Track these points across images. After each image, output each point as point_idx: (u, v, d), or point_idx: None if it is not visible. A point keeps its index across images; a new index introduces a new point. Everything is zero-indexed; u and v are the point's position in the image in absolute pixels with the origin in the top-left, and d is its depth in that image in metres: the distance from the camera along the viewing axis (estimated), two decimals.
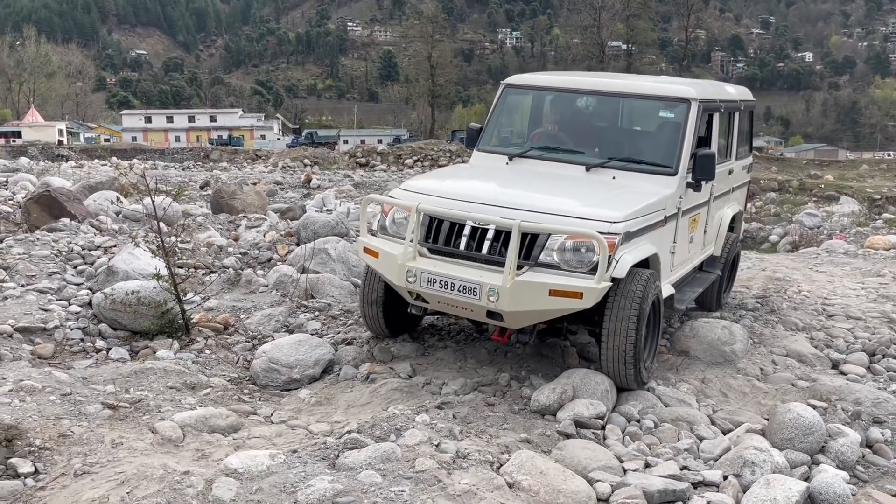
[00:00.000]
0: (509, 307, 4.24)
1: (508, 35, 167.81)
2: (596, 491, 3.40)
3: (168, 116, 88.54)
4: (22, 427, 3.63)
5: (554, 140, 5.71)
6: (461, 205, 4.57)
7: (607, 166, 5.18)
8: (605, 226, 4.26)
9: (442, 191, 4.79)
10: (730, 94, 6.42)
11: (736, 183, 6.72)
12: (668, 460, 3.79)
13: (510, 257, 4.20)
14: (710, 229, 6.17)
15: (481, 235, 4.43)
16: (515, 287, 4.21)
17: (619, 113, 5.88)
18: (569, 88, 5.85)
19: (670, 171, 5.08)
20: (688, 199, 5.23)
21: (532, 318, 4.46)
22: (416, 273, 4.46)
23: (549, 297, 4.18)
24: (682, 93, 5.31)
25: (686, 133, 5.16)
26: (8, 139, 58.24)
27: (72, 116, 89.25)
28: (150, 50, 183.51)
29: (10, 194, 9.86)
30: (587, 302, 4.18)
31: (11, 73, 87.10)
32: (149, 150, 49.17)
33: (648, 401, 4.57)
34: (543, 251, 4.29)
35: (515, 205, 4.45)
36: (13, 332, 5.08)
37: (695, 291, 5.81)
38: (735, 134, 6.43)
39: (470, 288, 4.33)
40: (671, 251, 5.16)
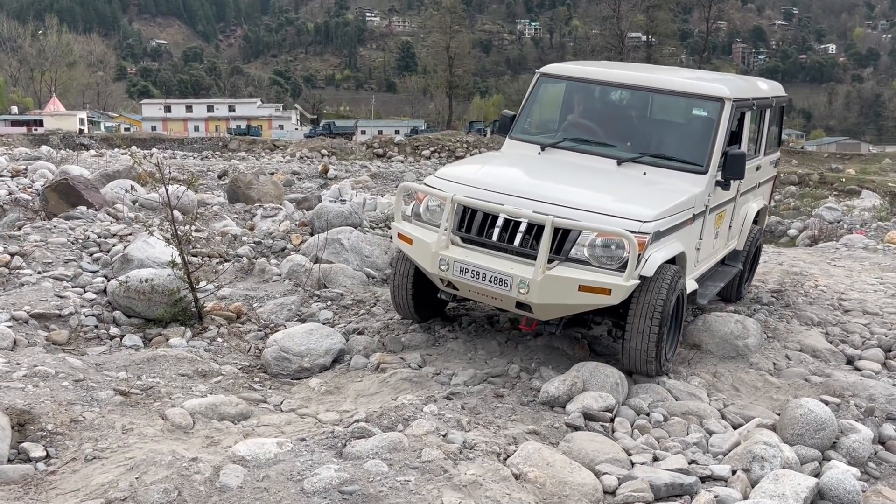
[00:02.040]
0: (539, 300, 4.35)
1: (527, 26, 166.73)
2: (603, 484, 3.39)
3: (187, 106, 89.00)
4: (35, 412, 3.68)
5: (586, 132, 5.76)
6: (495, 196, 4.65)
7: (639, 161, 5.23)
8: (636, 224, 4.33)
9: (476, 181, 4.86)
10: (762, 90, 6.40)
11: (763, 178, 6.73)
12: (677, 454, 3.77)
13: (542, 252, 4.30)
14: (735, 224, 6.19)
15: (514, 228, 4.52)
16: (546, 281, 4.31)
17: (652, 107, 5.91)
18: (604, 81, 5.87)
19: (701, 169, 5.12)
20: (716, 196, 5.28)
21: (560, 311, 4.56)
22: (448, 262, 4.58)
23: (578, 292, 4.29)
24: (717, 91, 5.33)
25: (718, 132, 5.20)
26: (30, 128, 58.84)
27: (92, 106, 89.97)
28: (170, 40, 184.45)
29: (28, 182, 9.96)
30: (615, 298, 4.28)
31: (34, 62, 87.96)
32: (168, 140, 49.49)
33: (658, 394, 4.55)
34: (574, 246, 4.39)
35: (548, 199, 4.53)
36: (29, 318, 5.15)
37: (716, 286, 5.85)
38: (765, 130, 6.44)
39: (501, 279, 4.43)
40: (697, 247, 5.22)
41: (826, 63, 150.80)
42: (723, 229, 5.84)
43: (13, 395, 3.80)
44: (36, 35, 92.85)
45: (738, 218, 6.23)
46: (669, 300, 4.53)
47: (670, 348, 4.96)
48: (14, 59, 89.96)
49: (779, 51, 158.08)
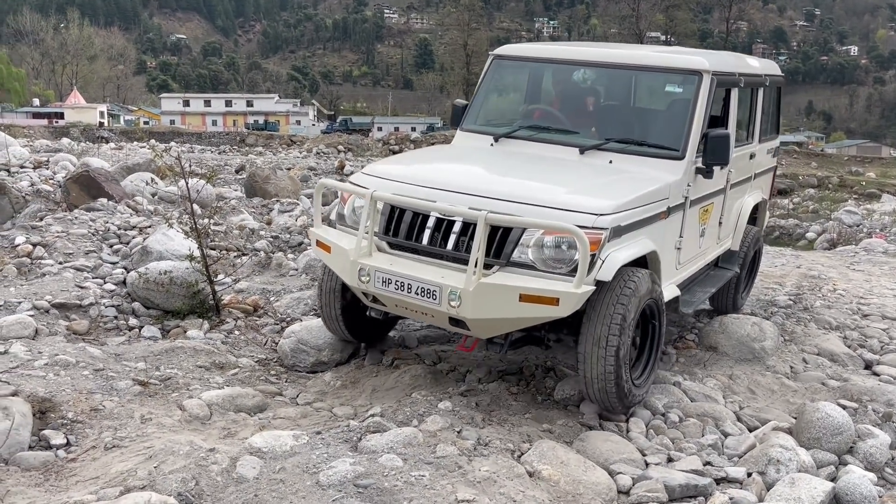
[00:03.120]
0: (473, 314, 3.64)
1: (545, 24, 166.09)
2: (617, 483, 3.39)
3: (206, 101, 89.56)
4: (56, 400, 3.73)
5: (546, 118, 5.13)
6: (425, 192, 3.95)
7: (604, 148, 4.56)
8: (588, 218, 3.64)
9: (407, 176, 4.19)
10: (752, 66, 5.69)
11: (759, 169, 6.04)
12: (692, 455, 3.76)
13: (474, 254, 3.61)
14: (727, 221, 5.52)
15: (447, 228, 3.84)
16: (480, 290, 3.60)
17: (620, 88, 5.26)
18: (564, 59, 5.18)
19: (676, 154, 4.44)
20: (697, 186, 4.61)
21: (501, 327, 3.83)
22: (369, 271, 3.89)
23: (519, 302, 3.57)
24: (693, 64, 4.66)
25: (696, 110, 4.50)
26: (51, 120, 59.42)
27: (112, 99, 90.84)
28: (190, 34, 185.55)
29: (50, 174, 10.06)
30: (564, 309, 3.55)
31: (55, 55, 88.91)
32: (186, 134, 49.87)
33: (674, 395, 4.54)
34: (517, 248, 3.70)
35: (487, 192, 3.84)
36: (50, 308, 5.22)
37: (706, 292, 5.21)
38: (758, 113, 5.74)
39: (429, 290, 3.73)
40: (676, 246, 4.58)
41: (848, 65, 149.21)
42: (711, 226, 5.18)
43: (35, 383, 3.86)
44: (58, 28, 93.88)
45: (730, 213, 5.53)
46: (632, 311, 3.78)
47: (644, 372, 4.18)
48: (36, 51, 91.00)
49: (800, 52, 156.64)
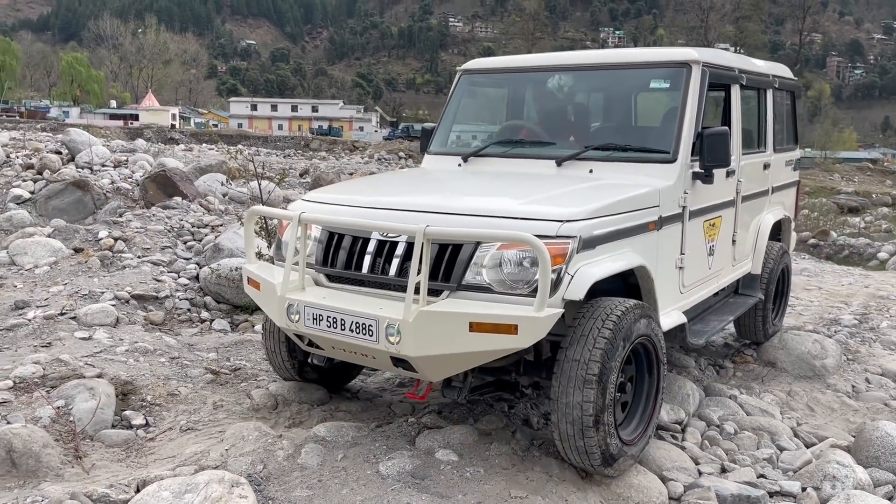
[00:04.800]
0: (415, 350, 3.02)
1: (611, 34, 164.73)
2: (668, 489, 3.43)
3: (273, 105, 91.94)
4: (136, 384, 3.99)
5: (519, 132, 4.69)
6: (365, 213, 3.42)
7: (583, 158, 4.05)
8: (551, 226, 3.07)
9: (347, 199, 3.66)
10: (756, 65, 5.19)
11: (777, 182, 5.49)
12: (745, 467, 3.77)
13: (413, 277, 2.99)
14: (743, 240, 4.96)
15: (391, 252, 3.26)
16: (421, 321, 2.98)
17: (599, 91, 4.78)
18: (535, 66, 4.75)
19: (666, 156, 3.90)
20: (697, 194, 4.04)
21: (452, 366, 3.19)
22: (298, 308, 3.32)
23: (469, 333, 2.95)
24: (680, 55, 4.17)
25: (687, 105, 3.97)
26: (126, 121, 61.89)
27: (184, 102, 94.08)
28: (259, 40, 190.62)
29: (129, 173, 10.58)
30: (524, 339, 2.93)
31: (132, 59, 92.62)
32: (253, 137, 51.35)
33: (729, 408, 4.53)
34: (470, 268, 3.10)
35: (436, 208, 3.28)
36: (129, 299, 5.54)
37: (722, 320, 4.62)
38: (769, 117, 5.23)
39: (364, 325, 3.12)
40: (678, 265, 3.98)
41: None
42: (722, 244, 4.60)
43: (117, 367, 4.14)
44: (136, 34, 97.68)
45: (745, 231, 5.01)
46: (616, 349, 3.12)
47: (641, 424, 3.48)
48: (115, 55, 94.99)
49: (877, 66, 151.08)
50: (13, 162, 10.05)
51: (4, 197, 9.31)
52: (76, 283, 5.68)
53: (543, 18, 74.87)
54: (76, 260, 6.22)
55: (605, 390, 3.09)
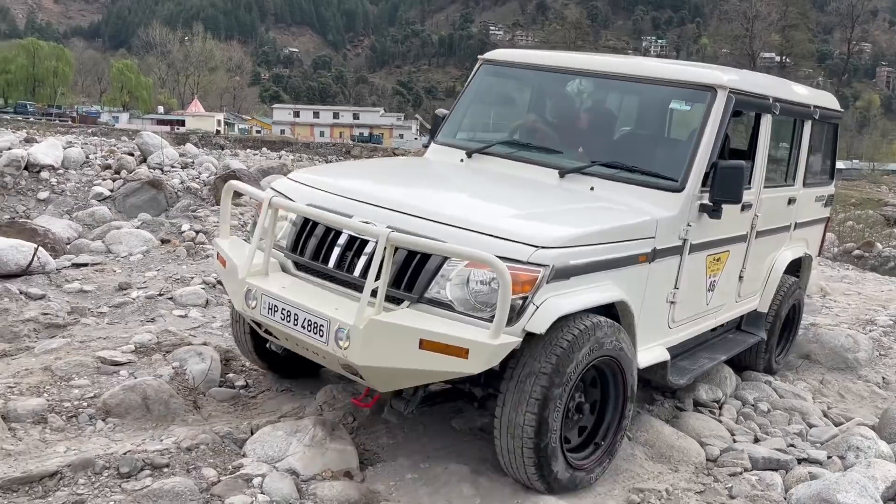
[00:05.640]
0: (362, 359, 2.90)
1: (653, 43, 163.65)
2: (706, 452, 3.87)
3: (315, 112, 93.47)
4: (234, 352, 4.55)
5: (530, 134, 4.49)
6: (343, 202, 3.31)
7: (588, 172, 3.83)
8: (523, 250, 2.90)
9: (330, 183, 3.52)
10: (797, 94, 4.90)
11: (802, 218, 5.15)
12: (777, 437, 4.18)
13: (370, 282, 2.87)
14: (752, 276, 4.68)
15: (360, 249, 3.12)
16: (372, 330, 2.85)
17: (618, 103, 4.58)
18: (557, 67, 4.46)
19: (674, 184, 3.66)
20: (703, 228, 3.79)
21: (399, 380, 3.06)
22: (256, 294, 3.23)
23: (419, 350, 2.82)
24: (706, 77, 3.89)
25: (704, 133, 3.72)
26: (173, 126, 63.60)
27: (229, 108, 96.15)
28: (302, 48, 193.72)
29: (196, 173, 11.28)
30: (474, 364, 2.80)
31: (180, 66, 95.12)
32: (295, 143, 52.52)
33: (764, 391, 4.92)
34: (435, 280, 2.95)
35: (414, 209, 3.16)
36: (216, 283, 6.14)
37: (713, 359, 4.36)
38: (802, 150, 4.94)
39: (316, 324, 3.01)
40: (669, 300, 3.76)
41: None
42: (727, 280, 4.32)
43: (216, 339, 4.72)
44: (183, 41, 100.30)
45: (757, 267, 4.71)
46: (568, 369, 2.97)
47: (594, 454, 3.35)
48: (163, 62, 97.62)
49: None
50: (93, 162, 10.82)
51: (87, 194, 10.09)
52: (167, 269, 6.31)
53: (585, 27, 74.93)
54: (165, 249, 6.86)
55: (549, 412, 2.95)
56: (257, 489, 3.04)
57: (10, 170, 9.98)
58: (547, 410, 2.96)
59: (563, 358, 2.97)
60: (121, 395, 3.69)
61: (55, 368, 4.05)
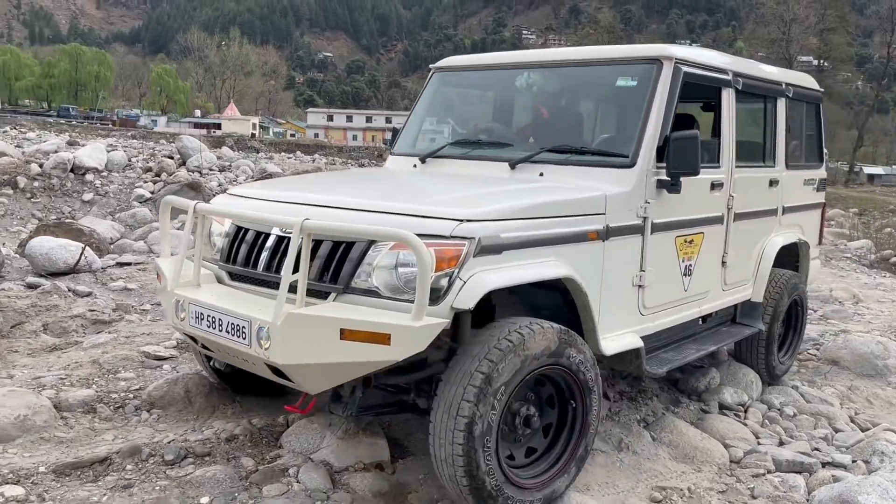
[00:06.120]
0: (283, 358, 2.76)
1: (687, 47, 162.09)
2: (729, 453, 3.93)
3: (348, 116, 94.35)
4: None
5: (480, 132, 4.49)
6: (269, 206, 3.22)
7: (537, 160, 3.76)
8: (445, 226, 2.79)
9: (263, 193, 3.47)
10: (764, 71, 4.82)
11: (790, 202, 5.06)
12: (801, 441, 4.22)
13: (287, 276, 2.74)
14: (738, 262, 4.53)
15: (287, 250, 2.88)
16: (290, 324, 2.72)
17: (565, 90, 4.45)
18: (503, 63, 4.47)
19: (624, 160, 3.57)
20: (665, 205, 3.67)
21: (327, 378, 2.89)
22: (184, 304, 3.14)
23: (340, 341, 2.69)
24: (651, 51, 3.83)
25: (652, 105, 3.63)
26: (209, 130, 64.73)
27: (264, 112, 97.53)
28: (336, 52, 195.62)
29: (233, 176, 11.61)
30: (398, 351, 2.66)
31: (216, 71, 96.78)
32: (328, 147, 53.13)
33: (791, 396, 4.95)
34: (360, 269, 2.82)
35: (337, 203, 3.07)
36: None
37: (701, 349, 4.17)
38: (779, 129, 4.84)
39: (238, 327, 2.89)
40: (635, 283, 3.60)
41: None
42: (705, 265, 4.16)
43: None
44: (220, 46, 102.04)
45: (743, 253, 4.57)
46: (504, 373, 2.78)
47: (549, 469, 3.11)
48: (200, 67, 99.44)
49: None
50: (134, 165, 11.19)
51: (129, 196, 10.44)
52: None
53: (618, 31, 74.53)
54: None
55: (477, 426, 2.73)
56: (293, 478, 3.19)
57: (57, 172, 10.38)
58: (480, 416, 2.74)
59: (500, 362, 2.78)
60: (164, 388, 3.88)
61: (103, 362, 4.27)
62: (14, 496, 2.89)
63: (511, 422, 2.98)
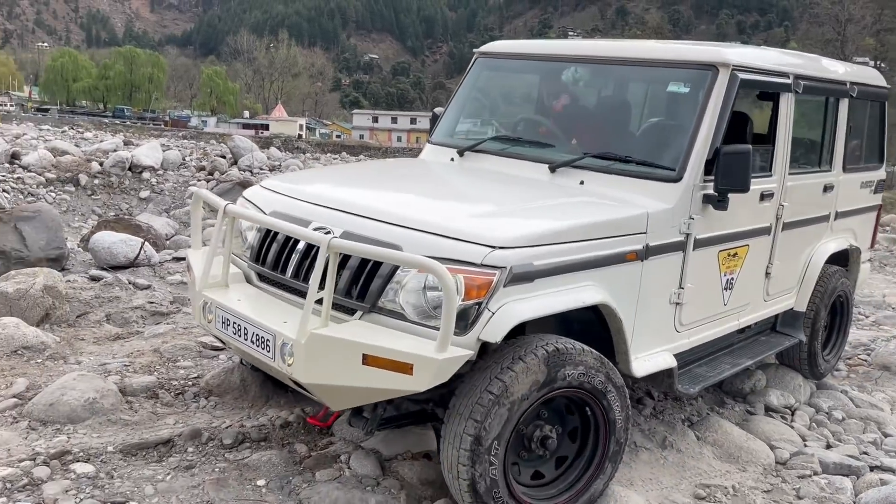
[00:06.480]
0: (306, 377, 2.74)
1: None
2: (775, 455, 3.93)
3: (393, 117, 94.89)
4: None
5: (524, 128, 4.27)
6: (304, 208, 3.18)
7: (579, 165, 3.59)
8: (477, 252, 2.67)
9: (296, 189, 3.38)
10: (828, 70, 4.54)
11: (844, 206, 4.81)
12: (849, 444, 4.19)
13: (312, 292, 2.69)
14: (782, 272, 4.33)
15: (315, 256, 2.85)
16: (313, 344, 2.67)
17: (614, 90, 4.29)
18: (551, 55, 4.27)
19: (671, 174, 3.38)
20: (710, 220, 3.50)
21: (348, 398, 2.86)
22: (212, 307, 3.13)
23: (362, 366, 2.63)
24: (708, 55, 3.58)
25: (704, 116, 3.42)
26: (257, 131, 65.84)
27: (310, 113, 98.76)
28: (382, 54, 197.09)
29: None
30: (420, 382, 2.58)
31: (265, 72, 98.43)
32: (373, 148, 53.57)
33: (840, 400, 4.91)
34: (388, 288, 2.75)
35: (365, 211, 3.00)
36: None
37: (737, 364, 4.00)
38: (839, 132, 4.62)
39: (263, 339, 2.88)
40: (673, 300, 3.45)
41: None
42: (749, 277, 3.99)
43: None
44: (269, 48, 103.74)
45: (789, 262, 4.37)
46: (517, 390, 2.69)
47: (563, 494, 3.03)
48: (249, 69, 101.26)
49: None
50: (188, 164, 11.53)
51: (183, 194, 10.77)
52: None
53: (666, 32, 73.59)
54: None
55: (483, 449, 2.68)
56: (344, 465, 3.31)
57: (116, 170, 10.76)
58: (489, 428, 2.66)
59: (515, 380, 2.68)
60: (221, 377, 4.05)
61: (163, 351, 4.47)
62: (85, 473, 3.07)
63: (527, 444, 2.94)
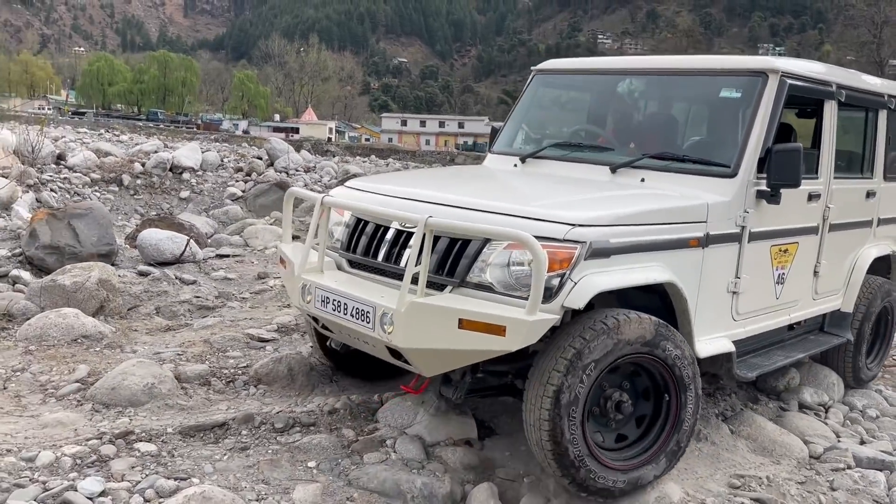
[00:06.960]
0: (405, 342, 3.05)
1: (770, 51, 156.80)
2: (809, 449, 3.99)
3: (421, 121, 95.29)
4: None
5: (581, 136, 4.63)
6: (388, 201, 3.47)
7: (638, 165, 3.89)
8: (559, 229, 2.98)
9: (381, 188, 3.71)
10: (867, 83, 4.80)
11: (886, 213, 5.07)
12: (883, 441, 4.24)
13: (411, 267, 3.01)
14: (830, 272, 4.55)
15: (406, 243, 3.26)
16: (412, 312, 2.99)
17: (668, 98, 4.60)
18: (607, 69, 4.65)
19: (726, 170, 3.68)
20: (763, 215, 3.77)
21: (443, 362, 3.16)
22: (311, 289, 3.46)
23: (458, 329, 2.93)
24: (758, 63, 3.94)
25: (756, 117, 3.73)
26: (287, 134, 66.59)
27: (340, 117, 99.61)
28: (411, 58, 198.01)
29: (318, 177, 12.13)
30: (512, 342, 2.87)
31: (295, 76, 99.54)
32: (401, 151, 53.96)
33: (874, 399, 4.95)
34: (475, 265, 3.07)
35: (455, 202, 3.27)
36: None
37: (788, 357, 4.25)
38: (879, 141, 4.86)
39: (363, 311, 3.19)
40: (730, 289, 3.72)
41: None
42: (798, 274, 4.23)
43: None
44: (299, 52, 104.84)
45: (834, 262, 4.57)
46: (596, 351, 2.97)
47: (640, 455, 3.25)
48: (280, 73, 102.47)
49: None
50: (226, 165, 11.83)
51: (222, 194, 11.06)
52: None
53: (697, 34, 73.08)
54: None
55: (564, 395, 2.93)
56: (390, 449, 3.46)
57: (157, 171, 11.08)
58: (568, 386, 2.94)
59: (593, 341, 2.97)
60: (270, 366, 4.22)
61: (213, 341, 4.66)
62: (149, 451, 3.26)
63: (603, 405, 3.18)
